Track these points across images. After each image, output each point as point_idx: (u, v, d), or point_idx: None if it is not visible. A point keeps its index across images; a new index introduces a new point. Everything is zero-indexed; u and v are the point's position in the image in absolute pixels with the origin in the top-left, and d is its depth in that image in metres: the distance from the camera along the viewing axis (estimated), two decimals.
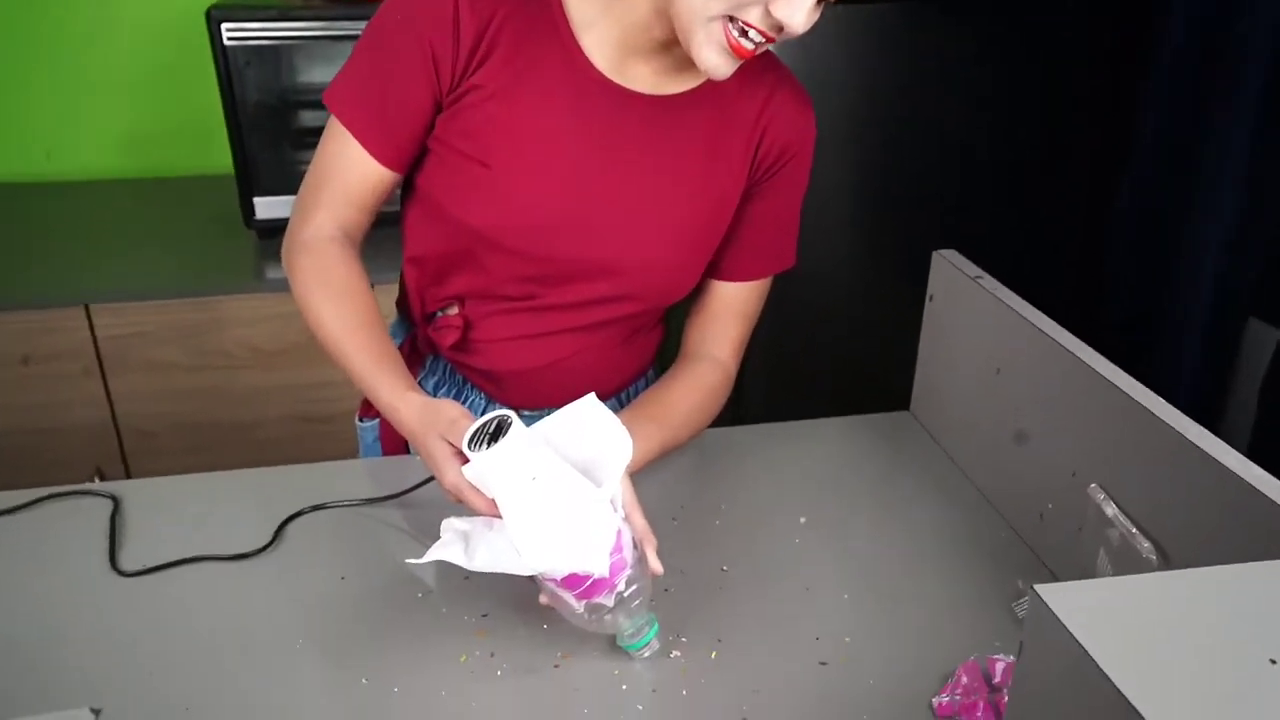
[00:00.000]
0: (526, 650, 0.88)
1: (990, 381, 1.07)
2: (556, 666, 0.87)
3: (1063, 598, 0.58)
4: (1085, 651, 0.54)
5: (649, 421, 1.03)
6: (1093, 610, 0.58)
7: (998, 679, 0.83)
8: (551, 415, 0.87)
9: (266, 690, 0.84)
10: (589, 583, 0.80)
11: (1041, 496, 0.99)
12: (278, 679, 0.85)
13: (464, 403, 1.16)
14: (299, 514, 1.04)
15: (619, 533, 0.82)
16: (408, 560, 0.86)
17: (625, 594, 0.82)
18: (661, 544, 1.00)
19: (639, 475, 0.98)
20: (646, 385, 1.23)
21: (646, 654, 0.85)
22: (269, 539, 1.00)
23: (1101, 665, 0.53)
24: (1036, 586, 0.59)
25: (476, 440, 0.79)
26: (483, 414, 0.81)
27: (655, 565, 0.86)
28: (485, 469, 0.78)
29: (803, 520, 1.06)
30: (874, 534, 1.04)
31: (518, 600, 0.91)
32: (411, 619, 0.92)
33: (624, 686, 0.84)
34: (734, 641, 0.89)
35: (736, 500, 1.09)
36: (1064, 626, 0.56)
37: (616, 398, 1.21)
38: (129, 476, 1.92)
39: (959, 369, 1.15)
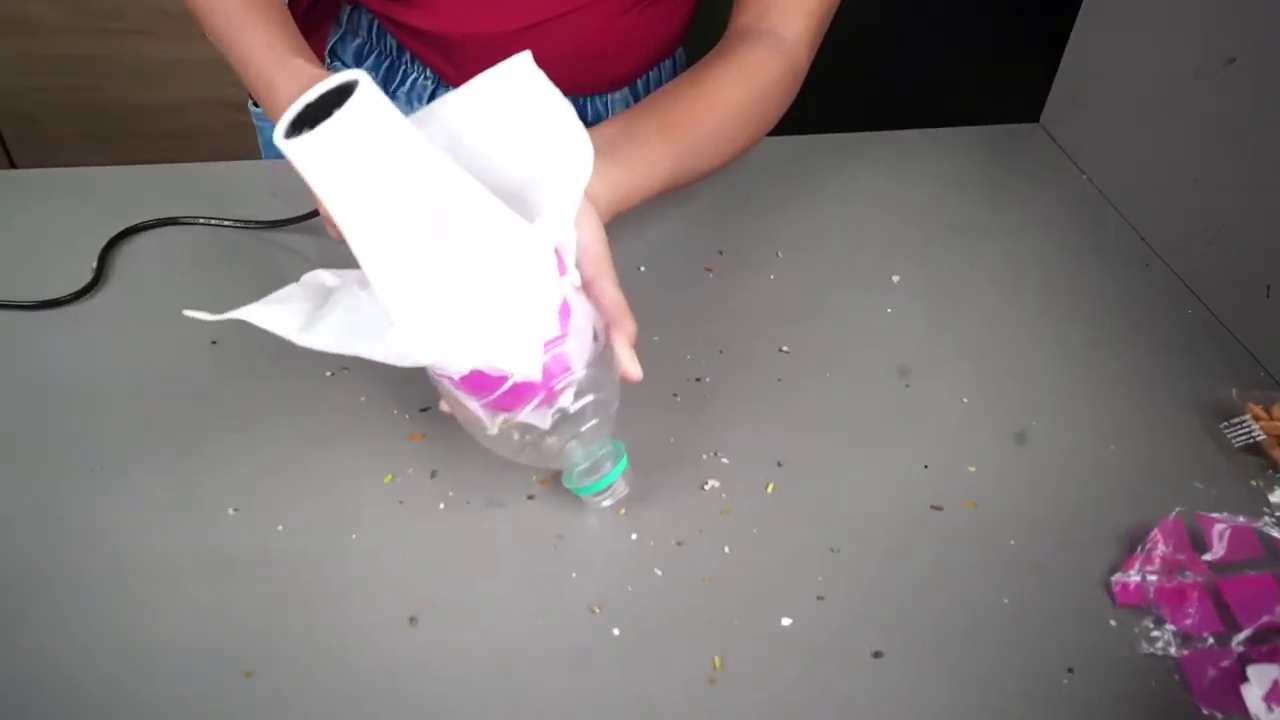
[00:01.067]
0: (484, 470, 0.57)
1: (1195, 79, 0.70)
2: (531, 497, 0.56)
3: None
4: None
5: (659, 131, 0.63)
6: None
7: (1217, 551, 0.53)
8: (461, 88, 0.49)
9: (73, 514, 0.54)
10: (505, 387, 0.47)
11: (1277, 260, 0.65)
12: (92, 501, 0.54)
13: (402, 85, 0.78)
14: (132, 231, 0.70)
15: (565, 308, 0.47)
16: (186, 311, 0.47)
17: (573, 410, 0.49)
18: (688, 309, 0.68)
19: (634, 214, 0.63)
20: (674, 74, 0.85)
21: (607, 502, 0.54)
22: (90, 276, 0.67)
23: None
24: None
25: (302, 123, 0.41)
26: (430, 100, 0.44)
27: (629, 367, 0.52)
28: (307, 170, 0.41)
29: (895, 279, 0.72)
30: (997, 306, 0.71)
31: None
32: (310, 413, 0.60)
33: (633, 535, 0.55)
34: (800, 467, 0.59)
35: (799, 245, 0.75)
36: None
37: (630, 89, 0.83)
38: None
39: (1137, 63, 0.77)
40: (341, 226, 0.43)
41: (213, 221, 0.72)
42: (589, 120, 0.81)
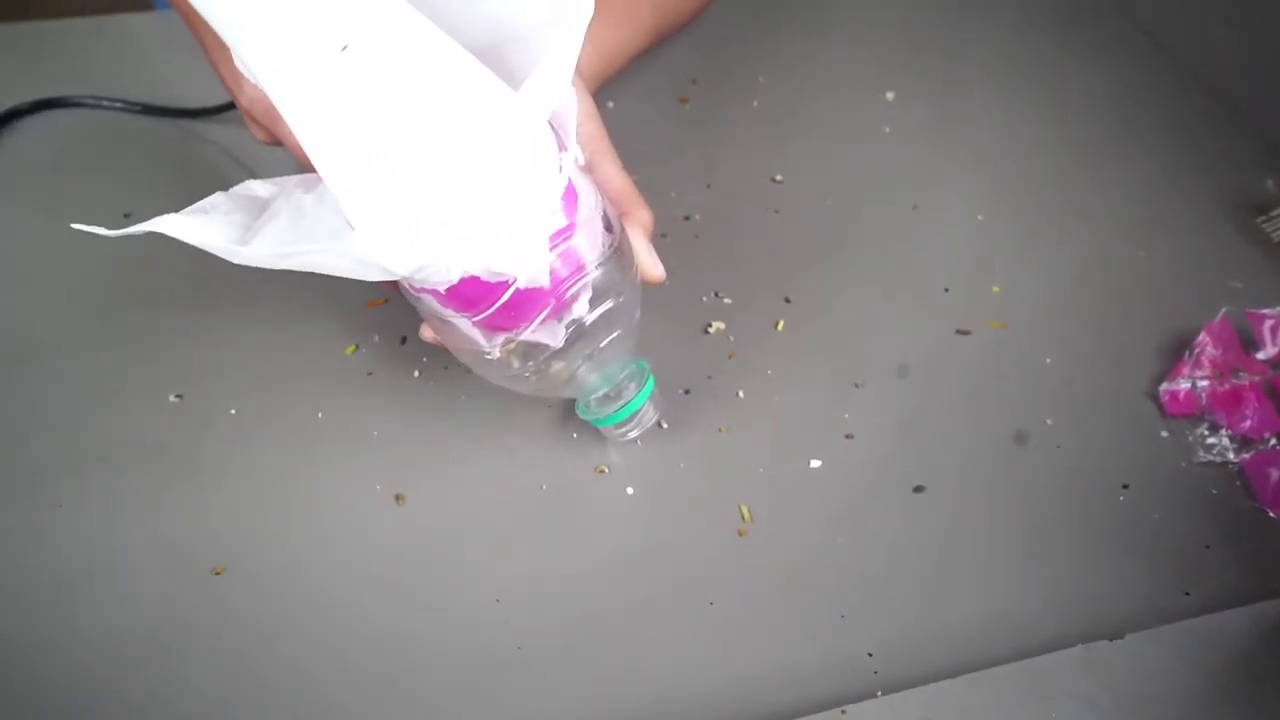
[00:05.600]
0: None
1: None
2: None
3: None
4: None
5: None
6: None
7: (1270, 348, 0.49)
8: None
9: None
10: (505, 297, 0.37)
11: None
12: (14, 393, 0.47)
13: None
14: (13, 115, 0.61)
15: (570, 191, 0.38)
16: (77, 225, 0.36)
17: (589, 321, 0.39)
18: (665, 144, 0.61)
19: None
20: None
21: (634, 433, 0.45)
22: None
23: None
24: None
25: None
26: None
27: (649, 265, 0.43)
28: (226, 26, 0.32)
29: (890, 96, 0.66)
30: (1002, 115, 0.65)
31: None
32: (253, 286, 0.52)
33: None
34: (810, 301, 0.53)
35: (782, 67, 0.68)
36: None
37: None
38: None
39: None
40: (283, 103, 0.34)
41: (104, 104, 0.62)
42: None
